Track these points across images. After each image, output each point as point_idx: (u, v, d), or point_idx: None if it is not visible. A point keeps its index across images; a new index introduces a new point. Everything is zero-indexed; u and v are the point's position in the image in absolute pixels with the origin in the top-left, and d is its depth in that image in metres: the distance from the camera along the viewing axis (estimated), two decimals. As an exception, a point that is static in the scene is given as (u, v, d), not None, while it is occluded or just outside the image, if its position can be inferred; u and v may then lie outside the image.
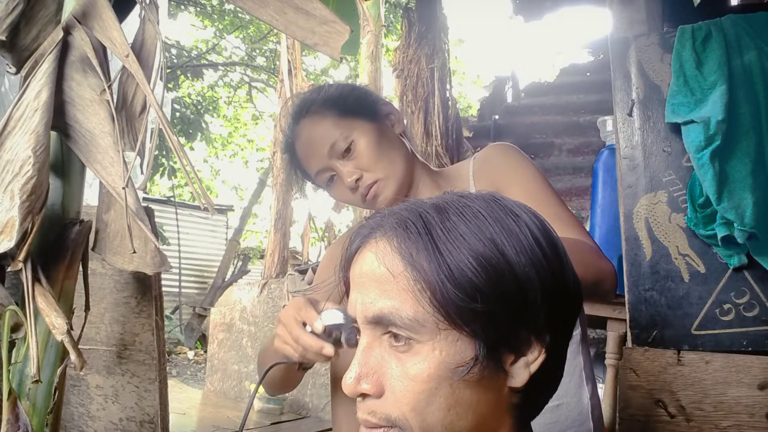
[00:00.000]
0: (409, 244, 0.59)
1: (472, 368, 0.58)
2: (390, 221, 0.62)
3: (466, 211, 0.61)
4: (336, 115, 1.13)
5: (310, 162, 1.16)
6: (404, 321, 0.58)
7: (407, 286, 0.58)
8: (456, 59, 13.24)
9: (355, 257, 0.65)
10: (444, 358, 0.58)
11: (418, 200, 0.65)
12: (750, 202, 1.23)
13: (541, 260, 0.60)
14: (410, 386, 0.58)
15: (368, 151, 1.12)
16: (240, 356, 4.62)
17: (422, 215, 0.61)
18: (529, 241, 0.60)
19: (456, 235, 0.59)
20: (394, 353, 0.60)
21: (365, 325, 0.62)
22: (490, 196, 0.64)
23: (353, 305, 0.64)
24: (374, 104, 1.19)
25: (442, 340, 0.58)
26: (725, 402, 1.21)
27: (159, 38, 1.13)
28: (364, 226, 0.66)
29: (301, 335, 0.88)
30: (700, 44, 1.35)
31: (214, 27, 10.88)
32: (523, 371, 0.61)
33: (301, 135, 1.16)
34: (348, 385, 0.61)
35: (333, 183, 1.16)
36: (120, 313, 1.25)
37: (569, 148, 4.80)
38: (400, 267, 0.59)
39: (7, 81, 2.97)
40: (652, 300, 1.32)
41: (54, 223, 1.07)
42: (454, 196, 0.64)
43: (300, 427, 3.66)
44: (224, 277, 7.68)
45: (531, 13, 4.26)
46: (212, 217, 9.03)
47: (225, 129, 12.47)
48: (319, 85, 2.17)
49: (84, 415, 1.26)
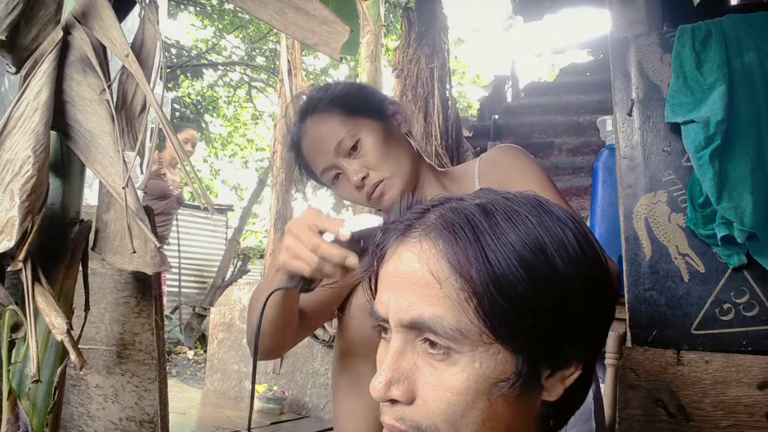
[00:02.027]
0: (457, 249, 0.56)
1: (514, 384, 0.56)
2: (433, 220, 0.59)
3: (514, 216, 0.58)
4: (343, 113, 1.13)
5: (316, 160, 1.15)
6: (446, 330, 0.55)
7: (452, 294, 0.55)
8: (456, 59, 13.24)
9: (389, 254, 0.62)
10: (484, 371, 0.56)
11: (461, 198, 0.61)
12: (750, 202, 1.23)
13: (586, 272, 0.58)
14: (445, 397, 0.56)
15: (375, 149, 1.12)
16: (240, 356, 4.62)
17: (470, 219, 0.57)
18: (577, 251, 0.58)
19: (505, 243, 0.56)
20: (428, 360, 0.58)
21: (398, 328, 0.59)
22: (535, 200, 0.61)
23: (384, 305, 0.61)
24: (381, 103, 1.19)
25: (483, 352, 0.56)
26: (725, 402, 1.21)
27: (159, 38, 1.13)
28: (398, 221, 0.63)
29: (321, 243, 0.80)
30: (699, 44, 1.35)
31: (213, 27, 10.87)
32: (558, 385, 0.59)
33: (308, 132, 1.15)
34: (377, 389, 0.58)
35: (338, 181, 1.15)
36: (120, 313, 1.25)
37: (569, 148, 4.80)
38: (446, 273, 0.56)
39: (7, 81, 2.97)
40: (651, 300, 1.32)
41: (54, 223, 1.07)
42: (498, 197, 0.61)
43: (300, 427, 3.66)
44: (224, 276, 7.67)
45: (531, 13, 4.26)
46: (212, 216, 9.03)
47: (225, 129, 12.46)
48: (325, 83, 2.15)
49: (84, 415, 1.26)
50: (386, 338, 0.63)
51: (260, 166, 12.22)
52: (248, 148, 12.89)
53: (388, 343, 0.61)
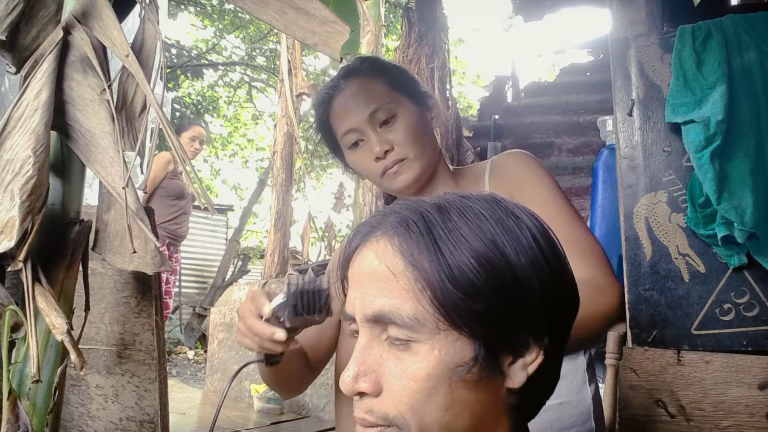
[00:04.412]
0: (411, 243, 0.59)
1: (471, 368, 0.58)
2: (391, 220, 0.62)
3: (468, 212, 0.61)
4: (388, 84, 1.15)
5: (344, 118, 1.15)
6: (404, 320, 0.58)
7: (408, 285, 0.58)
8: (456, 59, 13.24)
9: (354, 256, 0.65)
10: (443, 358, 0.58)
11: (420, 199, 0.65)
12: (750, 202, 1.23)
13: (541, 262, 0.60)
14: (408, 385, 0.59)
15: (407, 129, 1.12)
16: (240, 356, 4.62)
17: (424, 215, 0.61)
18: (530, 242, 0.60)
19: (457, 236, 0.59)
20: (392, 352, 0.60)
21: (364, 323, 0.62)
22: (490, 197, 0.64)
23: (351, 303, 0.64)
24: (423, 92, 1.21)
25: (441, 339, 0.58)
26: (725, 402, 1.21)
27: (159, 38, 1.13)
28: (364, 224, 0.66)
29: (253, 324, 0.87)
30: (700, 44, 1.35)
31: (214, 27, 10.87)
32: (520, 372, 0.61)
33: (345, 90, 1.15)
34: (345, 383, 0.61)
35: (357, 148, 1.15)
36: (120, 313, 1.25)
37: (569, 148, 4.80)
38: (401, 266, 0.59)
39: (7, 81, 2.97)
40: (652, 300, 1.32)
41: (54, 223, 1.07)
42: (455, 196, 0.64)
43: (300, 427, 3.66)
44: (224, 276, 7.68)
45: (531, 13, 4.26)
46: (212, 216, 9.03)
47: (225, 129, 12.46)
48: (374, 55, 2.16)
49: (84, 415, 1.26)
50: (356, 337, 0.65)
51: (260, 166, 12.22)
52: (248, 148, 12.89)
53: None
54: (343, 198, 6.85)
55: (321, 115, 1.20)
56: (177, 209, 4.78)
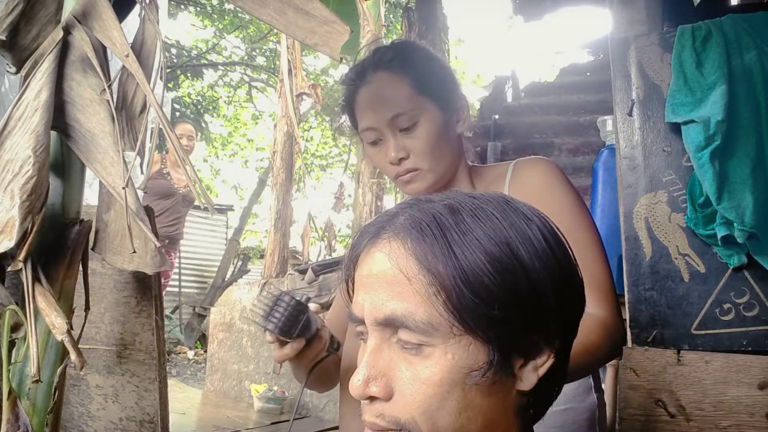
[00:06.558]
0: (424, 246, 0.58)
1: (486, 373, 0.57)
2: (401, 221, 0.61)
3: (480, 213, 0.60)
4: (413, 85, 1.11)
5: (366, 115, 1.14)
6: (417, 324, 0.57)
7: (421, 289, 0.57)
8: (456, 59, 13.23)
9: (362, 257, 0.64)
10: (456, 363, 0.57)
11: (429, 198, 0.63)
12: (750, 202, 1.23)
13: (553, 264, 0.60)
14: (421, 389, 0.58)
15: (426, 139, 1.11)
16: (240, 356, 4.62)
17: (436, 217, 0.59)
18: (542, 245, 0.60)
19: (471, 238, 0.58)
20: (403, 356, 0.59)
21: (374, 327, 0.61)
22: (500, 197, 0.63)
23: (359, 306, 0.63)
24: (451, 93, 1.17)
25: (454, 344, 0.57)
26: (725, 402, 1.21)
27: (159, 38, 1.13)
28: (371, 225, 0.65)
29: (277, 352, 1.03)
30: (700, 44, 1.35)
31: (214, 27, 10.87)
32: (531, 375, 0.61)
33: (371, 86, 1.13)
34: (356, 387, 0.60)
35: (375, 146, 1.15)
36: (120, 313, 1.25)
37: (569, 148, 4.79)
38: (415, 269, 0.58)
39: (7, 81, 2.97)
40: (652, 300, 1.32)
41: (54, 223, 1.07)
42: (464, 196, 0.63)
43: (300, 427, 3.66)
44: (224, 276, 7.68)
45: (531, 13, 4.26)
46: (212, 216, 9.03)
47: (225, 129, 12.46)
48: (410, 41, 2.11)
49: (84, 415, 1.26)
50: (364, 339, 0.64)
51: (260, 166, 12.22)
52: (248, 148, 12.89)
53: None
54: (343, 198, 6.85)
55: (347, 100, 1.18)
56: (161, 208, 4.81)
